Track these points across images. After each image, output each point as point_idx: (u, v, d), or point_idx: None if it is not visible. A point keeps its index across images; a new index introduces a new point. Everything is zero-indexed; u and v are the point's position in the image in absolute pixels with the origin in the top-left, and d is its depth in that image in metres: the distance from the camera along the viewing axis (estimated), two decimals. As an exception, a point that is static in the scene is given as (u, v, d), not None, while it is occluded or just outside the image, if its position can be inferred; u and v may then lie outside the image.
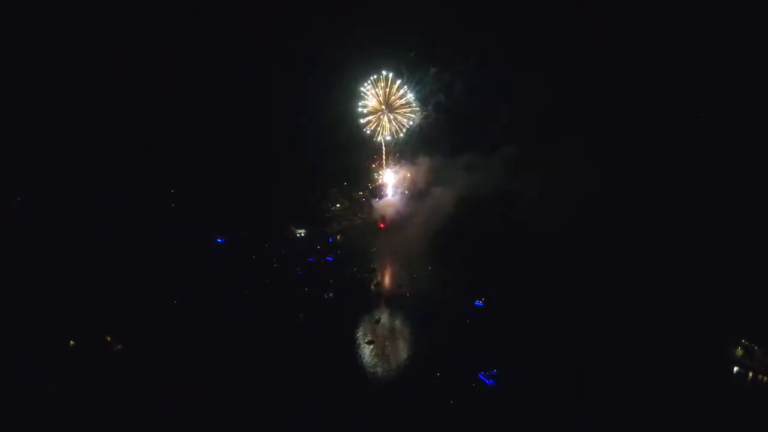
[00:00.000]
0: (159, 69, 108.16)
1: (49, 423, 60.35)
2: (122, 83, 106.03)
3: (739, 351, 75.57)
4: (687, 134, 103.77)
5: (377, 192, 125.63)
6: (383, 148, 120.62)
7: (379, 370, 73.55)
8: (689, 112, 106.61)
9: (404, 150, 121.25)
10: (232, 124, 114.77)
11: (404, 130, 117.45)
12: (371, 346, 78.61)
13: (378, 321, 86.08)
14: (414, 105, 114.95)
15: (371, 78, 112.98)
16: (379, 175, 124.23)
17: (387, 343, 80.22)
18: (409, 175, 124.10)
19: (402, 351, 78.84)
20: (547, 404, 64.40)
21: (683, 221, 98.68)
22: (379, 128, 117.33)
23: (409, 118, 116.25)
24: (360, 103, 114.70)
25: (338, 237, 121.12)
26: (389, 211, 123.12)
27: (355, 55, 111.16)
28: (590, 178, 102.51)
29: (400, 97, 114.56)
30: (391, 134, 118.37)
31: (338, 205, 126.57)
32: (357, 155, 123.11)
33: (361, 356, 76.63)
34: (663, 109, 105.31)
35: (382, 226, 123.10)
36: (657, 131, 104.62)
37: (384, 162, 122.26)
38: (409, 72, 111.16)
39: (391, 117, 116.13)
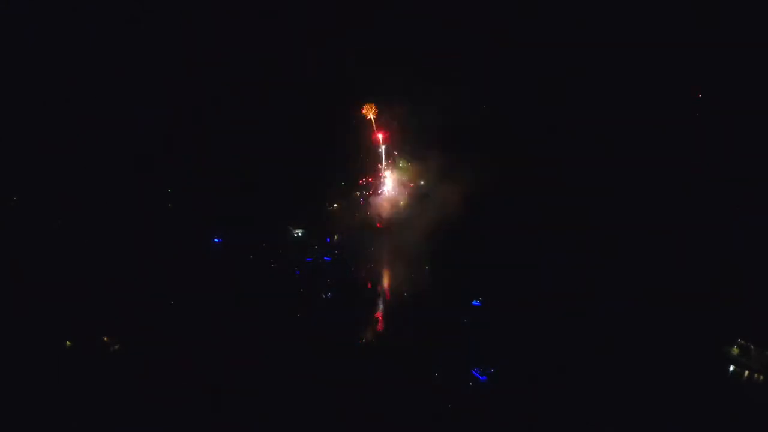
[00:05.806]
0: (158, 67, 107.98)
1: (49, 423, 60.43)
2: (120, 82, 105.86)
3: (735, 350, 75.98)
4: (687, 132, 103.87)
5: (375, 191, 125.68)
6: (382, 146, 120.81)
7: (376, 369, 73.56)
8: (689, 108, 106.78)
9: (403, 147, 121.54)
10: (231, 123, 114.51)
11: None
12: (369, 346, 78.85)
13: (376, 321, 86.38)
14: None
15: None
16: (377, 173, 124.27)
17: (384, 343, 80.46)
18: (407, 173, 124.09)
19: (399, 350, 78.74)
20: (546, 404, 64.74)
21: (682, 220, 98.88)
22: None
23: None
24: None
25: (336, 237, 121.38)
26: (387, 210, 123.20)
27: (357, 54, 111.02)
28: (589, 176, 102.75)
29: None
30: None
31: (336, 205, 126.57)
32: (355, 153, 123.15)
33: (358, 356, 76.80)
34: (664, 106, 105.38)
35: (379, 225, 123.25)
36: (657, 130, 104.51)
37: (383, 160, 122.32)
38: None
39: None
